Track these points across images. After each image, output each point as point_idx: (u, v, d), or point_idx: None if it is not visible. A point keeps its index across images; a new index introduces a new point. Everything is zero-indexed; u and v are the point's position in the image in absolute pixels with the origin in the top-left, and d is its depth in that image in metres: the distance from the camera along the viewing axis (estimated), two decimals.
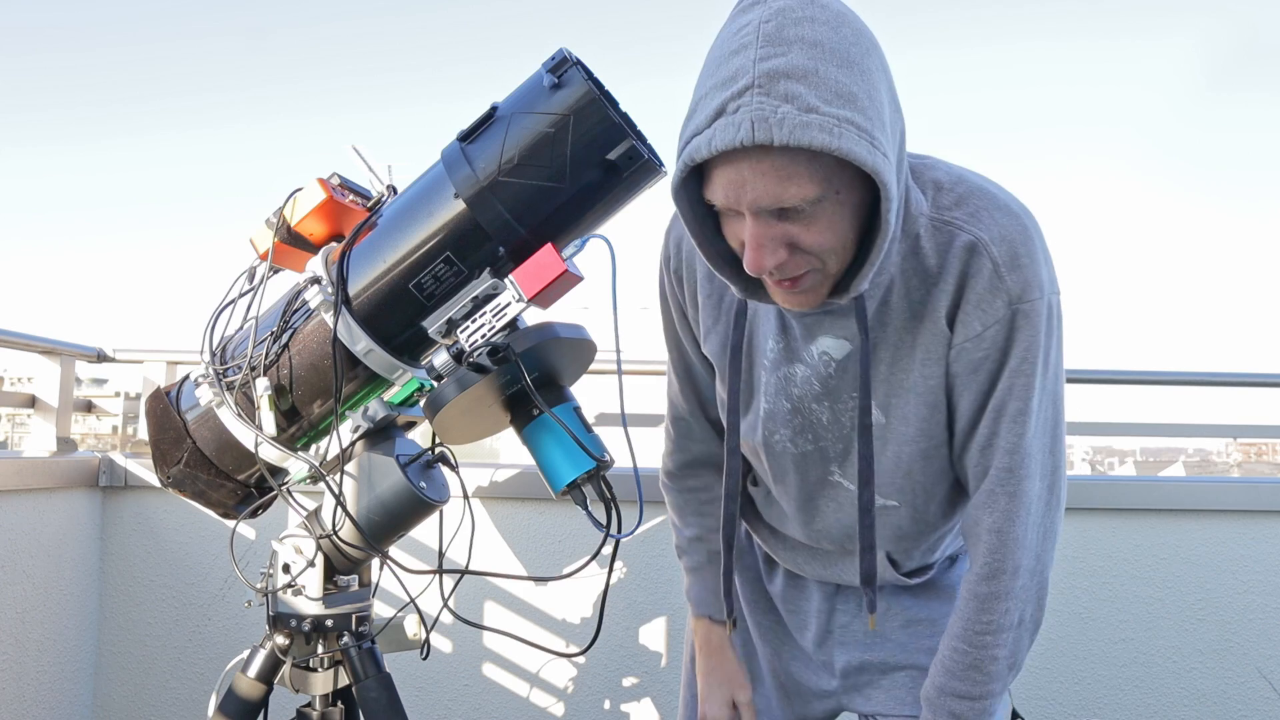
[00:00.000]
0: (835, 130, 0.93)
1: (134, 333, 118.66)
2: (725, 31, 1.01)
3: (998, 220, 1.11)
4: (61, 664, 2.32)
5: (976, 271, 1.10)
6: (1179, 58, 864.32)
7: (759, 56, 0.95)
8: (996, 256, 1.10)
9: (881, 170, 0.96)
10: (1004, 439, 1.14)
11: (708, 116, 0.97)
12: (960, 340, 1.13)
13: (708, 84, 0.99)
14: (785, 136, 0.93)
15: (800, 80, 0.94)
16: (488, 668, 2.38)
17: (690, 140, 0.98)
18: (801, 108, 0.93)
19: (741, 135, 0.94)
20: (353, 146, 1.41)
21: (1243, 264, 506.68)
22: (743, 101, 0.94)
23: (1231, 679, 2.33)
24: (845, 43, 0.97)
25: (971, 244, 1.10)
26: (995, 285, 1.10)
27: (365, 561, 1.46)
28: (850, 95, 0.95)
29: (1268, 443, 24.45)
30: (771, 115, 0.93)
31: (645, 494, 1.31)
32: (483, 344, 1.20)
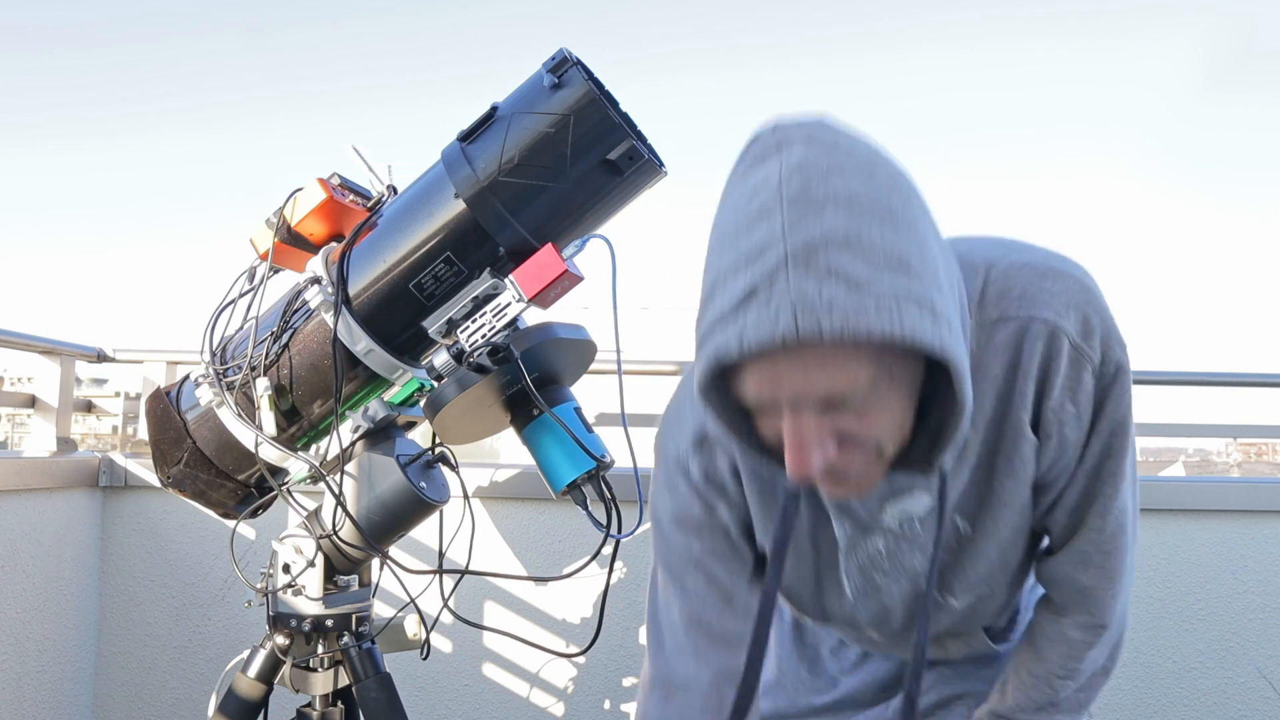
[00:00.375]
0: (893, 310, 0.77)
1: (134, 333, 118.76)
2: (735, 192, 0.85)
3: (1053, 290, 0.97)
4: (61, 664, 2.32)
5: (1055, 354, 0.96)
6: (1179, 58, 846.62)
7: (788, 222, 0.79)
8: (1069, 330, 0.96)
9: (950, 350, 0.80)
10: (1100, 501, 1.03)
11: (734, 301, 0.79)
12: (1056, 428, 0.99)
13: (726, 258, 0.82)
14: (837, 326, 0.76)
15: (843, 249, 0.78)
16: (488, 668, 2.38)
17: (713, 330, 0.81)
18: (850, 285, 0.77)
19: (783, 329, 0.77)
20: (353, 146, 1.41)
21: (1243, 264, 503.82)
22: (777, 282, 0.77)
23: (1231, 679, 2.33)
24: (884, 192, 0.82)
25: (1038, 330, 0.96)
26: (1077, 360, 0.96)
27: (365, 561, 1.46)
28: (902, 260, 0.80)
29: (1268, 443, 24.45)
30: (816, 299, 0.76)
31: (645, 494, 1.31)
32: (483, 344, 1.20)
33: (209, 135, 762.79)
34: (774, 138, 0.85)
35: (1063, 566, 1.08)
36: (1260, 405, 7.76)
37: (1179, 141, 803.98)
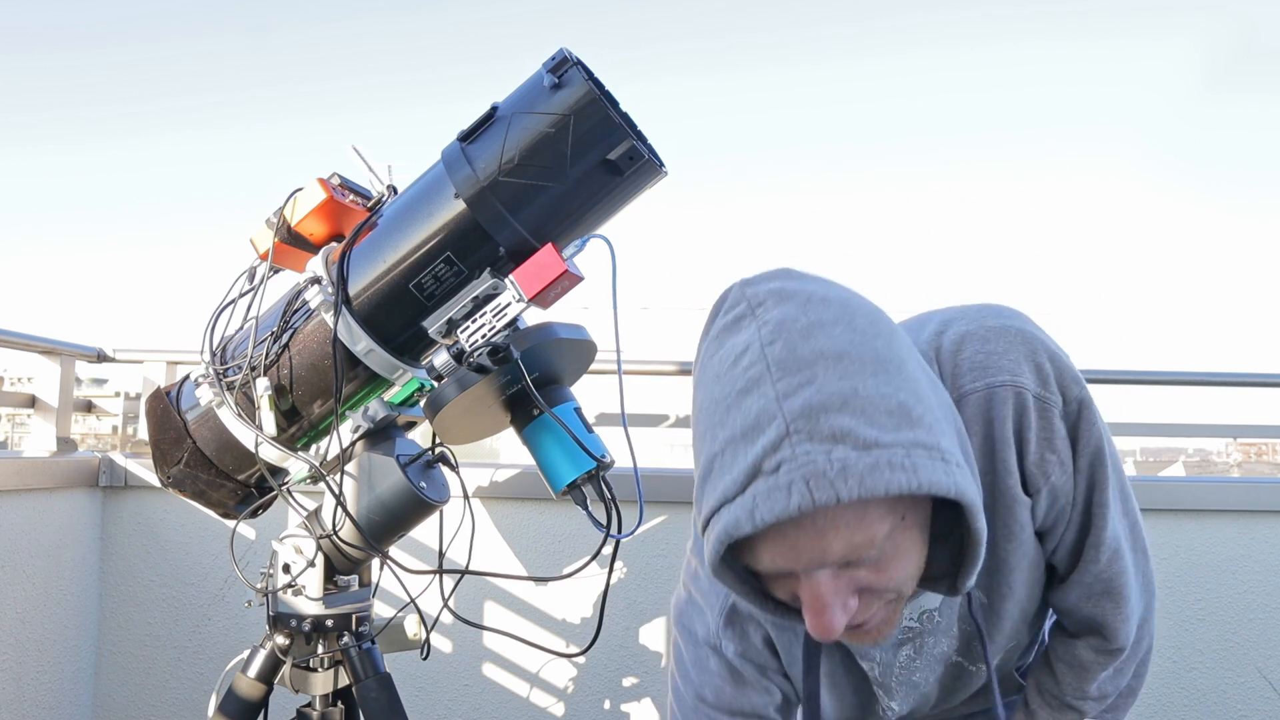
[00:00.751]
0: (906, 463, 0.75)
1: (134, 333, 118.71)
2: (715, 360, 0.83)
3: (1000, 352, 0.97)
4: (61, 664, 2.32)
5: (1023, 412, 0.96)
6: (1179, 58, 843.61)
7: (781, 392, 0.77)
8: (1028, 385, 0.96)
9: (965, 492, 0.79)
10: (1092, 534, 1.03)
11: (738, 479, 0.77)
12: (1042, 483, 0.99)
13: (719, 435, 0.80)
14: (853, 490, 0.74)
15: (843, 410, 0.76)
16: (488, 668, 2.38)
17: (720, 509, 0.78)
18: (858, 445, 0.75)
19: (796, 501, 0.74)
20: (353, 146, 1.41)
21: (1243, 264, 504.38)
22: (783, 455, 0.75)
23: (1231, 679, 2.33)
24: (867, 338, 0.81)
25: (1002, 396, 0.96)
26: (1045, 410, 0.97)
27: (365, 561, 1.46)
28: (903, 407, 0.78)
29: (1268, 443, 24.44)
30: (827, 468, 0.74)
31: (645, 494, 1.31)
32: (483, 344, 1.20)
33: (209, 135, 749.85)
34: (744, 296, 0.84)
35: (1069, 598, 1.08)
36: (1260, 405, 7.76)
37: (1179, 141, 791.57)
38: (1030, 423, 0.96)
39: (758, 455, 0.76)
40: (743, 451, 0.77)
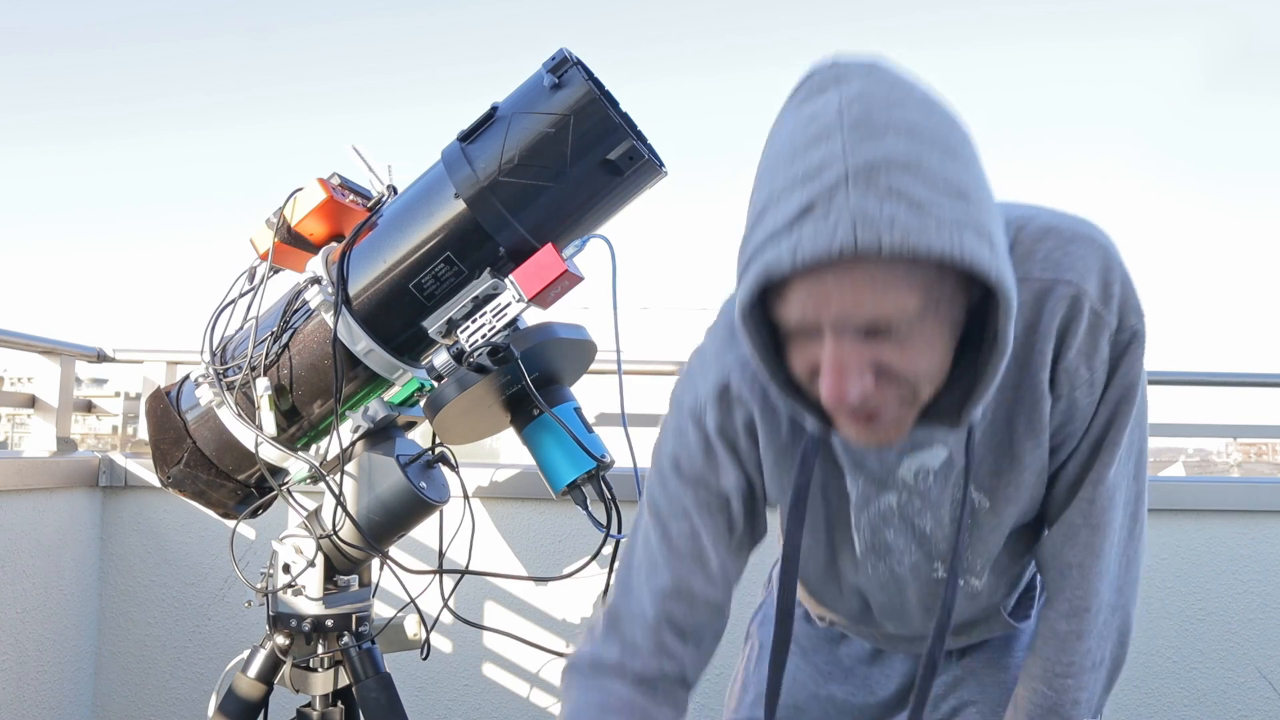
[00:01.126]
0: (954, 233, 0.77)
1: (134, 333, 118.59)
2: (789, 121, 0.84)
3: (1076, 254, 0.97)
4: (61, 664, 2.32)
5: (1075, 317, 0.96)
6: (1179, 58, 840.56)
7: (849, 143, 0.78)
8: (1091, 294, 0.96)
9: (1005, 277, 0.80)
10: (1095, 470, 1.03)
11: (789, 217, 0.78)
12: (1068, 390, 0.99)
13: (780, 178, 0.81)
14: (896, 241, 0.75)
15: (904, 171, 0.77)
16: (488, 668, 2.38)
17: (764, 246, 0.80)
18: (911, 204, 0.76)
19: (840, 239, 0.76)
20: (353, 146, 1.41)
21: (1243, 264, 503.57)
22: (837, 197, 0.76)
23: (1231, 679, 2.33)
24: (943, 128, 0.82)
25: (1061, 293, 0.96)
26: (1096, 326, 0.96)
27: (365, 561, 1.46)
28: (962, 189, 0.79)
29: (1268, 443, 24.43)
30: (878, 214, 0.76)
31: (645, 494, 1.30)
32: (483, 344, 1.20)
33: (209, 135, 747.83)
34: (832, 72, 0.84)
35: (1052, 542, 1.08)
36: (1260, 405, 7.75)
37: (1179, 141, 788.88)
38: (1078, 330, 0.96)
39: (812, 195, 0.77)
40: (799, 191, 0.78)
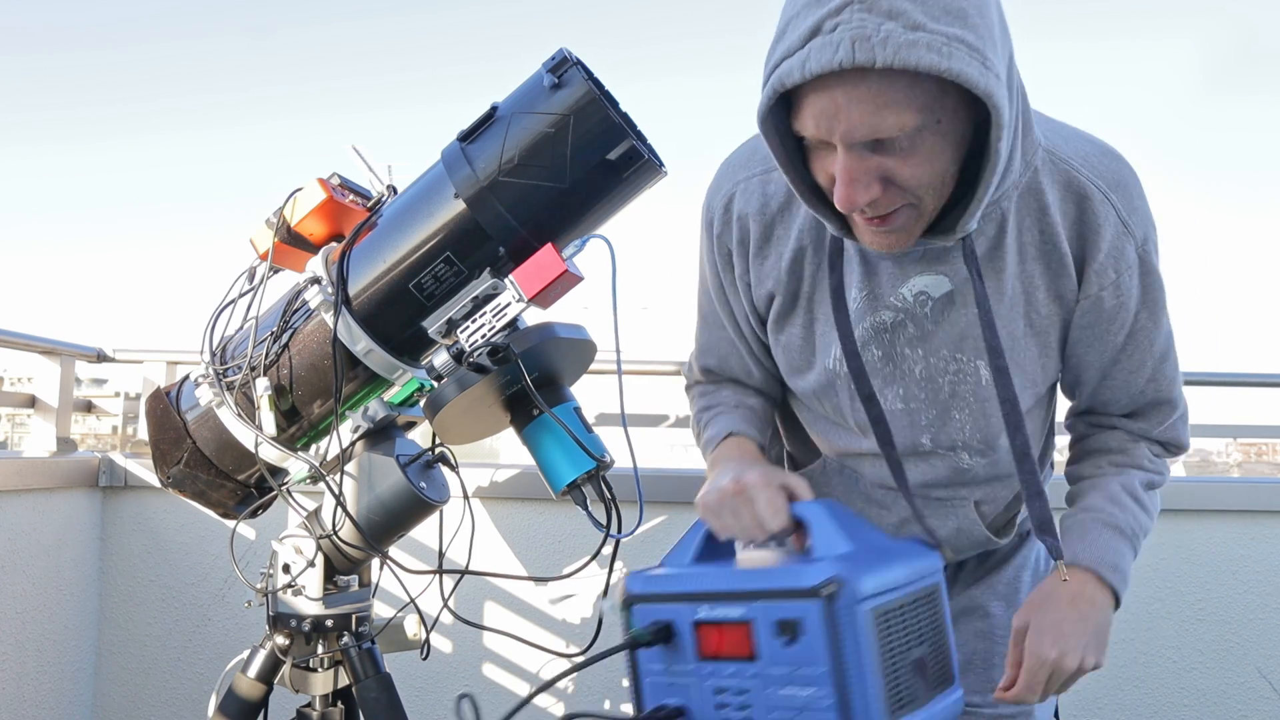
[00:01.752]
0: (944, 49, 0.86)
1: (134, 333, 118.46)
2: None
3: (1111, 167, 1.10)
4: (61, 664, 2.32)
5: (1105, 219, 1.08)
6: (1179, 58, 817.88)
7: None
8: (1118, 204, 1.09)
9: (994, 92, 0.88)
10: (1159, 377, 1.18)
11: (801, 36, 0.89)
12: (1096, 290, 1.11)
13: (799, 3, 0.91)
14: (889, 56, 0.85)
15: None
16: (488, 668, 2.38)
17: (780, 63, 0.91)
18: (907, 25, 0.86)
19: (841, 55, 0.86)
20: (353, 146, 1.41)
21: (1242, 264, 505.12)
22: (841, 19, 0.87)
23: (1231, 679, 2.33)
24: None
25: (1093, 190, 1.08)
26: (1123, 232, 1.09)
27: (365, 561, 1.46)
28: (959, 11, 0.88)
29: (1268, 443, 24.42)
30: (874, 33, 0.85)
31: (645, 494, 1.31)
32: (483, 344, 1.20)
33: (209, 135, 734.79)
34: None
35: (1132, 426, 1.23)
36: (1260, 405, 7.75)
37: (1179, 141, 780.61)
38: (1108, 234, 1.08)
39: (820, 17, 0.88)
40: (811, 14, 0.89)
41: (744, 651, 1.01)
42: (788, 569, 1.02)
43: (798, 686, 0.99)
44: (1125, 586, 1.17)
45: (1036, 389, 1.18)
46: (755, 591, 1.01)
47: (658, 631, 1.03)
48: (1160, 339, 1.16)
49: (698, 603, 1.02)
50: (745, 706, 1.02)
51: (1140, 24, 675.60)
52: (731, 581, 1.03)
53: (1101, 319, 1.13)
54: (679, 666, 1.04)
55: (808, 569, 0.99)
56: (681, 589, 1.05)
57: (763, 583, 1.01)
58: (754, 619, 1.00)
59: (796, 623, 0.98)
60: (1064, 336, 1.16)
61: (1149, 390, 1.20)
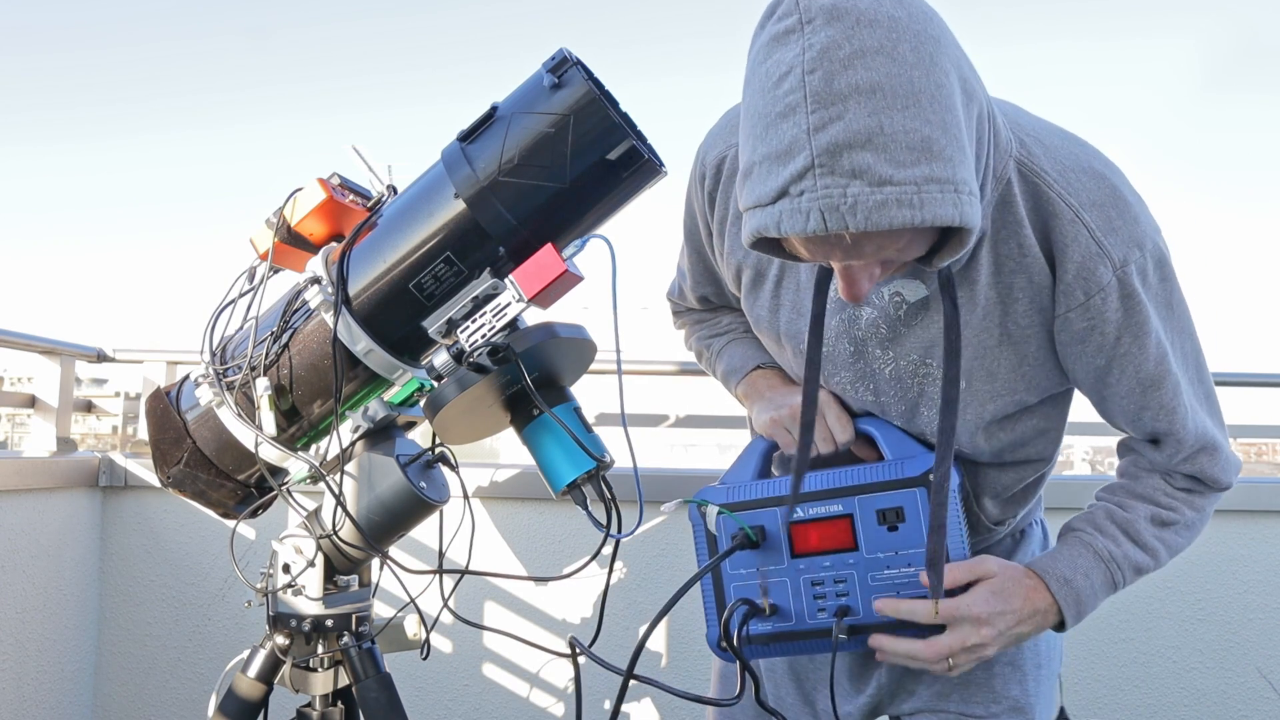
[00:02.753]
0: (915, 199, 0.85)
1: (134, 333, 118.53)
2: (760, 72, 0.91)
3: (1087, 186, 1.06)
4: (61, 664, 2.32)
5: (1073, 239, 1.05)
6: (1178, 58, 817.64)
7: (813, 126, 0.85)
8: (1091, 223, 1.05)
9: (969, 220, 0.88)
10: (1152, 405, 1.13)
11: (769, 193, 0.89)
12: (1064, 310, 1.08)
13: (759, 149, 0.90)
14: (860, 223, 0.85)
15: (865, 147, 0.84)
16: (488, 668, 2.38)
17: (752, 211, 0.91)
18: (873, 182, 0.84)
19: (813, 225, 0.86)
20: (353, 146, 1.41)
21: (1242, 264, 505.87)
22: (805, 185, 0.86)
23: (1231, 679, 2.33)
24: (906, 65, 0.86)
25: (1062, 208, 1.05)
26: (1095, 253, 1.05)
27: (365, 561, 1.46)
28: (925, 143, 0.86)
29: (1268, 443, 24.41)
30: (841, 202, 0.85)
31: (645, 494, 1.31)
32: (483, 344, 1.20)
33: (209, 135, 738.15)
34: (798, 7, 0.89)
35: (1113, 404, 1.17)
36: (1260, 405, 7.75)
37: (1179, 141, 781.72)
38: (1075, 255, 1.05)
39: (785, 180, 0.87)
40: (774, 172, 0.88)
41: (844, 543, 1.15)
42: (884, 466, 1.16)
43: (900, 567, 1.14)
44: (1077, 606, 1.14)
45: (1016, 396, 1.16)
46: (855, 487, 1.15)
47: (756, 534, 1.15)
48: (1148, 366, 1.11)
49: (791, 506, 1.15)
50: (844, 594, 1.15)
51: (1140, 24, 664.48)
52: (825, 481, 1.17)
53: (1074, 339, 1.10)
54: (770, 566, 1.18)
55: (907, 463, 1.14)
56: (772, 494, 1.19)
57: (862, 478, 1.16)
58: (854, 512, 1.15)
59: (899, 509, 1.13)
60: (1052, 348, 1.13)
61: (1146, 419, 1.15)
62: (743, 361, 1.35)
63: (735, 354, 1.36)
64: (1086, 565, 1.14)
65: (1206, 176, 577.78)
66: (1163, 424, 1.15)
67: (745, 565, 1.18)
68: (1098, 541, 1.16)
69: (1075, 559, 1.15)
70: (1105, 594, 1.16)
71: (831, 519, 1.15)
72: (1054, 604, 1.13)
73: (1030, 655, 1.28)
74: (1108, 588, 1.16)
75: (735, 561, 1.20)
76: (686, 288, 1.40)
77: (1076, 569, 1.14)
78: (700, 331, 1.42)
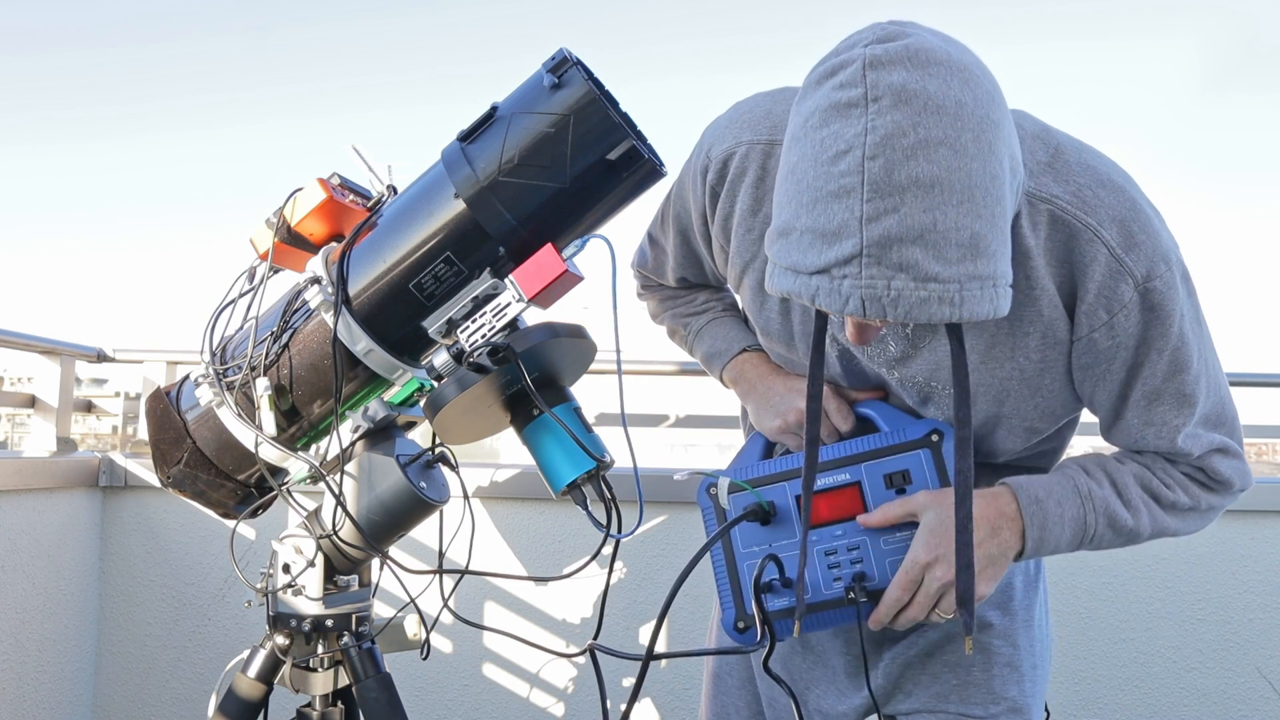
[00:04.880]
0: (956, 298, 0.85)
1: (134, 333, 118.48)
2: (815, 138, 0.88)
3: (1105, 201, 1.03)
4: (61, 664, 2.32)
5: (1093, 258, 1.03)
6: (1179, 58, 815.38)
7: (867, 215, 0.84)
8: (1111, 241, 1.02)
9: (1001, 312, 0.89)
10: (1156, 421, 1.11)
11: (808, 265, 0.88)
12: (1087, 331, 1.06)
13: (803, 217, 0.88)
14: (900, 316, 0.85)
15: (916, 243, 0.84)
16: (488, 668, 2.38)
17: (784, 271, 0.90)
18: (919, 278, 0.84)
19: (850, 309, 0.86)
20: (353, 146, 1.41)
21: (1242, 264, 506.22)
22: (849, 271, 0.85)
23: (1231, 679, 2.33)
24: (966, 158, 0.85)
25: (1081, 230, 1.03)
26: (1116, 270, 1.03)
27: (365, 561, 1.46)
28: (973, 240, 0.85)
29: (1268, 443, 24.42)
30: (885, 294, 0.85)
31: (645, 494, 1.31)
32: (483, 344, 1.20)
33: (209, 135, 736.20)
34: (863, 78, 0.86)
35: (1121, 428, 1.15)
36: (1260, 405, 7.76)
37: (1179, 141, 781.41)
38: (1096, 273, 1.03)
39: (830, 260, 0.86)
40: (818, 248, 0.87)
41: (854, 510, 1.16)
42: (886, 432, 1.18)
43: (911, 529, 1.13)
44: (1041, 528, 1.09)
45: (1026, 422, 1.15)
46: (861, 454, 1.17)
47: (766, 509, 1.16)
48: (1157, 380, 1.09)
49: (797, 479, 1.16)
50: (857, 561, 1.15)
51: (1140, 24, 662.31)
52: (831, 453, 1.18)
53: (1098, 359, 1.08)
54: (781, 540, 1.18)
55: (909, 427, 1.16)
56: (779, 469, 1.20)
57: (866, 446, 1.17)
58: (861, 479, 1.16)
59: (905, 472, 1.14)
60: (1069, 378, 1.12)
61: (1165, 434, 1.12)
62: (726, 345, 1.34)
63: (717, 335, 1.35)
64: (1061, 494, 1.12)
65: (1206, 176, 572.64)
66: (1165, 442, 1.13)
67: (757, 543, 1.18)
68: (1080, 478, 1.13)
69: (1051, 485, 1.12)
70: (1073, 533, 1.12)
71: (840, 488, 1.17)
72: (1017, 519, 1.10)
73: (1027, 656, 1.28)
74: (1077, 526, 1.12)
75: (747, 540, 1.20)
76: (667, 268, 1.38)
77: (1050, 494, 1.11)
78: (676, 308, 1.41)
